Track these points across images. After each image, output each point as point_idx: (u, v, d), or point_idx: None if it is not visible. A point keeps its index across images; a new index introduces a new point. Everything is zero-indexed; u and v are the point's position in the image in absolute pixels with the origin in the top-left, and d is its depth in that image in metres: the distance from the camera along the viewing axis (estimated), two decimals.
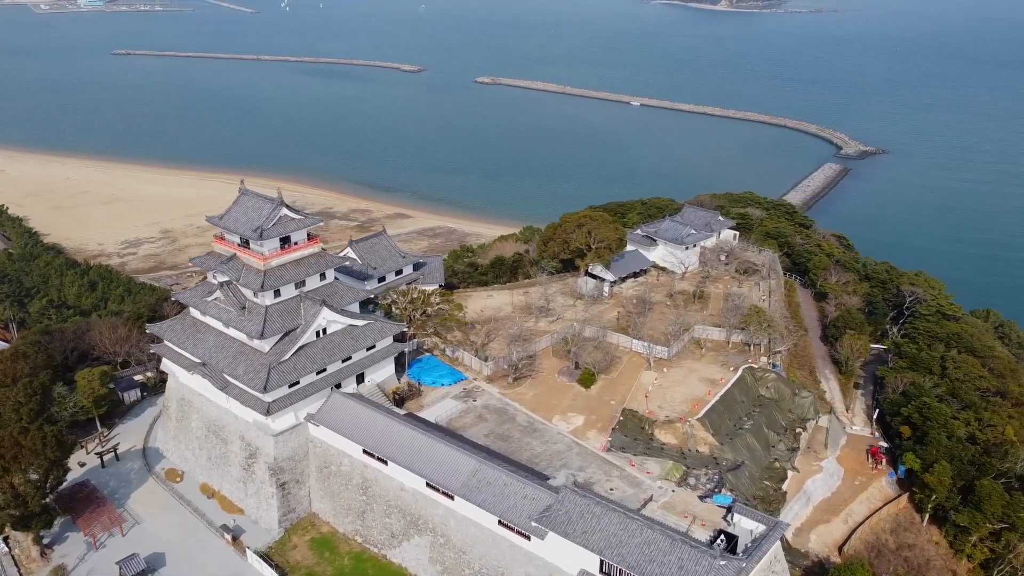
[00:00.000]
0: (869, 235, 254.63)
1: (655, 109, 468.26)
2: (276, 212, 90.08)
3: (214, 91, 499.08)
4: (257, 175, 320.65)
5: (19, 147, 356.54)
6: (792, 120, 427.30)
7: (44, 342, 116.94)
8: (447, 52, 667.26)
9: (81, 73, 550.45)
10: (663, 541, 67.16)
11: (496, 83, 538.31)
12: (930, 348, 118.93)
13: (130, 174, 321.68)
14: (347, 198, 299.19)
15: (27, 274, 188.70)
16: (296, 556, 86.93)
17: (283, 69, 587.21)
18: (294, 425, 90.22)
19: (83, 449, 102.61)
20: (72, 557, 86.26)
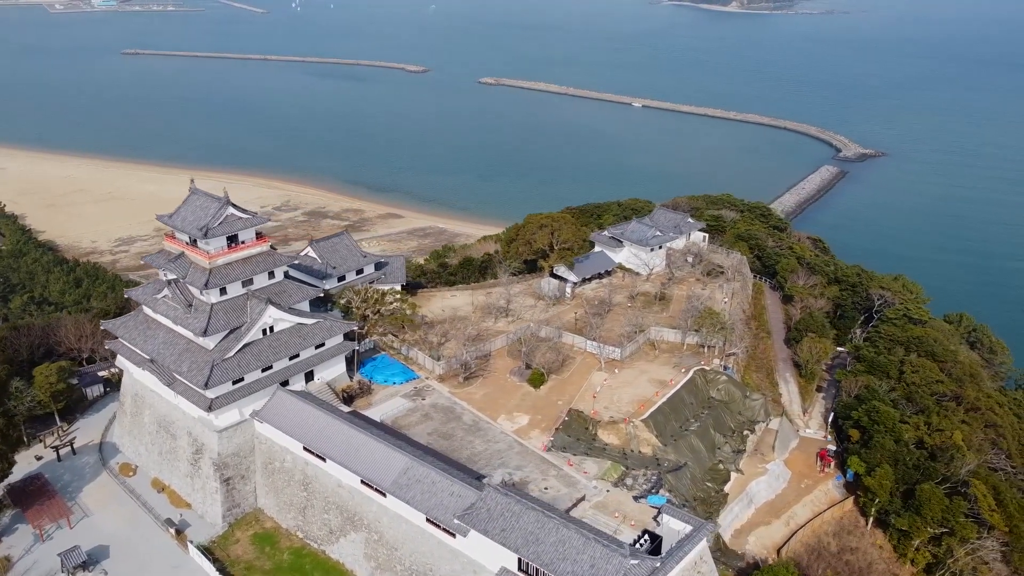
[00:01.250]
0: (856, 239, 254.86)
1: (656, 110, 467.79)
2: (222, 211, 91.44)
3: (218, 91, 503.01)
4: (252, 174, 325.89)
5: (19, 145, 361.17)
6: (793, 122, 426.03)
7: (11, 338, 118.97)
8: (452, 53, 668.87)
9: (89, 73, 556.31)
10: (577, 540, 67.83)
11: (499, 84, 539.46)
12: (890, 352, 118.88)
13: (127, 173, 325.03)
14: (341, 198, 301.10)
15: (14, 271, 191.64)
16: (238, 551, 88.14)
17: (289, 69, 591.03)
18: (239, 422, 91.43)
19: (41, 443, 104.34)
20: (19, 548, 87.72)
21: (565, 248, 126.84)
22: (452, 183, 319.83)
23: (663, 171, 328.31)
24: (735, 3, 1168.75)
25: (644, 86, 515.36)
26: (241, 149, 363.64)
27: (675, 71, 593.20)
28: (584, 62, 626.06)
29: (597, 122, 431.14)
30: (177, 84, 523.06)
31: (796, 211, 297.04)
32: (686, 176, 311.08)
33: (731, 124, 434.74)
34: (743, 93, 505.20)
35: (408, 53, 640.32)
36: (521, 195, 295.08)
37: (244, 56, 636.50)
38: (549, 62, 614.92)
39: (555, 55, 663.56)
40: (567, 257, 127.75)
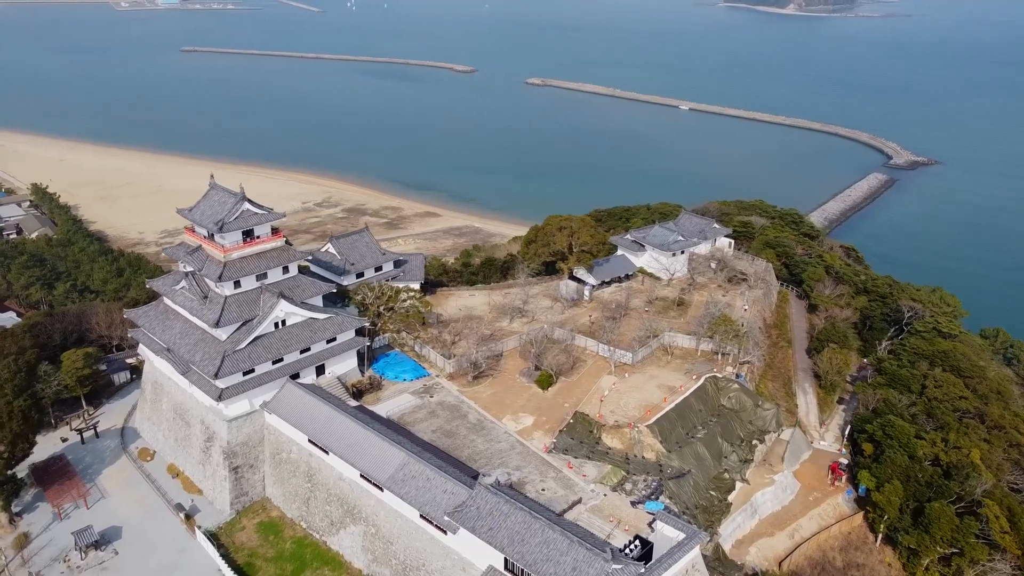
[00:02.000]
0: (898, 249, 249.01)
1: (704, 114, 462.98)
2: (238, 207, 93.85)
3: (269, 88, 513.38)
4: (296, 170, 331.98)
5: (78, 138, 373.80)
6: (844, 128, 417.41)
7: (45, 323, 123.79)
8: (500, 53, 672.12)
9: (148, 69, 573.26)
10: (561, 542, 68.04)
11: (546, 84, 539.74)
12: (913, 365, 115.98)
13: (176, 167, 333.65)
14: (381, 195, 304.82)
15: (62, 259, 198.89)
16: (243, 538, 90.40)
17: (340, 68, 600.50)
18: (249, 412, 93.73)
19: (67, 425, 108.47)
20: (37, 526, 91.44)
21: (584, 251, 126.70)
22: (490, 183, 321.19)
23: (703, 175, 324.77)
24: (792, 5, 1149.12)
25: (693, 89, 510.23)
26: (287, 146, 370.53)
27: (726, 74, 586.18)
28: (633, 64, 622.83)
29: (642, 125, 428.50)
30: (231, 81, 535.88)
31: (840, 219, 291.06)
32: (726, 181, 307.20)
33: (780, 129, 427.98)
34: (795, 97, 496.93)
35: (456, 53, 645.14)
36: (557, 196, 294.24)
37: (297, 55, 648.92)
38: (598, 63, 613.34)
39: (604, 56, 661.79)
40: (585, 259, 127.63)
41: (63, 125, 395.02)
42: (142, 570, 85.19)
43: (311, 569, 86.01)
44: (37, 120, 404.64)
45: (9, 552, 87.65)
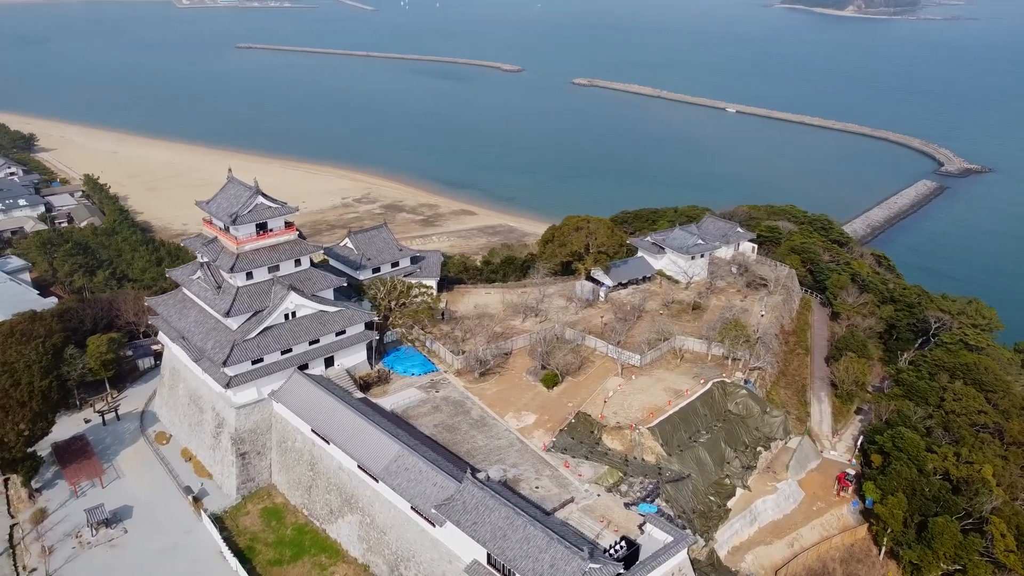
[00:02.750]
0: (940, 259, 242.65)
1: (751, 117, 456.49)
2: (252, 200, 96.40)
3: (318, 85, 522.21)
4: (338, 166, 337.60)
5: (132, 131, 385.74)
6: (895, 133, 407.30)
7: (77, 309, 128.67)
8: (548, 52, 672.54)
9: (202, 65, 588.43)
10: (541, 539, 68.58)
11: (592, 85, 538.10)
12: (932, 377, 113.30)
13: (223, 160, 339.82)
14: (419, 192, 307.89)
15: (105, 248, 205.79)
16: (246, 522, 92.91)
17: (388, 66, 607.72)
18: (257, 400, 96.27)
19: (90, 407, 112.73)
20: (55, 502, 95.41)
21: (601, 252, 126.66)
22: (529, 182, 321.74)
23: (743, 179, 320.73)
24: (852, 7, 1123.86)
25: (741, 91, 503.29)
26: (332, 142, 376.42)
27: (777, 77, 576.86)
28: (682, 65, 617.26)
29: (686, 127, 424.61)
30: (282, 78, 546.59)
31: (883, 226, 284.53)
32: (766, 185, 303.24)
33: (829, 133, 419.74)
34: (847, 101, 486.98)
35: (504, 52, 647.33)
36: (594, 196, 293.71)
37: (347, 52, 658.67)
38: (646, 64, 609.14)
39: (654, 57, 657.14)
40: (602, 260, 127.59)
41: (119, 118, 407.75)
42: (148, 549, 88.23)
43: (309, 556, 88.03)
44: (95, 113, 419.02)
45: (27, 526, 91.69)
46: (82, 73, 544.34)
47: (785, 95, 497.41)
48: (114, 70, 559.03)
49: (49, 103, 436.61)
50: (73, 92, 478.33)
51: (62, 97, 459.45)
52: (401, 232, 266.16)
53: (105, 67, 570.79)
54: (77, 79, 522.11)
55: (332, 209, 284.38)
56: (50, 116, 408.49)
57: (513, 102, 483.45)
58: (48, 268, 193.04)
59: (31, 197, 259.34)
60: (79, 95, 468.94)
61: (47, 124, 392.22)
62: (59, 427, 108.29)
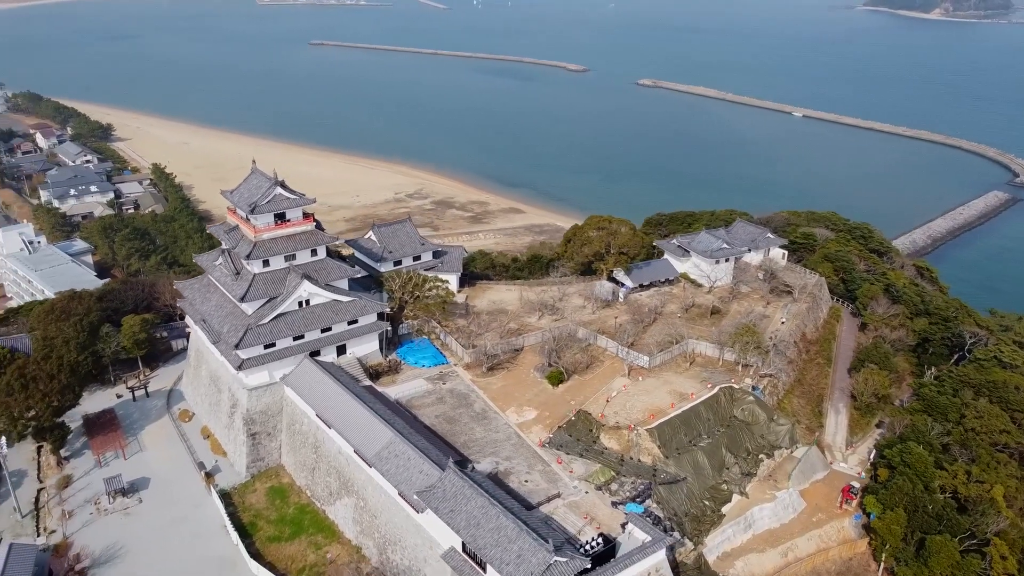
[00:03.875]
0: (1002, 274, 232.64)
1: (818, 121, 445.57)
2: (271, 191, 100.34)
3: (385, 82, 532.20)
4: (395, 161, 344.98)
5: (204, 123, 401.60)
6: (969, 142, 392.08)
7: (120, 290, 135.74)
8: (616, 52, 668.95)
9: (276, 60, 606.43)
10: (511, 530, 69.92)
11: (657, 86, 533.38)
12: (956, 393, 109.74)
13: (287, 154, 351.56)
14: (470, 189, 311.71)
15: (163, 234, 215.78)
16: (252, 499, 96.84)
17: (455, 64, 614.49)
18: (269, 383, 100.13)
19: (123, 383, 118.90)
20: (80, 470, 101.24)
21: (622, 253, 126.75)
22: (582, 182, 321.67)
23: (796, 184, 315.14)
24: (938, 10, 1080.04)
25: (811, 95, 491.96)
26: (393, 138, 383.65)
27: (851, 81, 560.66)
28: (752, 68, 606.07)
29: (748, 130, 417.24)
30: (351, 75, 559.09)
31: (946, 237, 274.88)
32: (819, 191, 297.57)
33: (899, 140, 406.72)
34: (923, 108, 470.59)
35: (572, 52, 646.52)
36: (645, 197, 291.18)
37: (417, 50, 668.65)
38: (716, 66, 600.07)
39: (724, 59, 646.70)
40: (623, 261, 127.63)
41: (193, 111, 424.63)
42: (159, 519, 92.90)
43: (306, 534, 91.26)
44: (171, 105, 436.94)
45: (52, 491, 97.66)
46: (163, 67, 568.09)
47: (857, 100, 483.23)
48: (193, 65, 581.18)
49: (130, 95, 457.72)
50: (153, 85, 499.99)
51: (142, 90, 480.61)
52: (448, 228, 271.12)
53: (185, 62, 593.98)
54: (158, 73, 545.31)
55: (384, 203, 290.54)
56: (129, 107, 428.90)
57: (575, 102, 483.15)
58: (108, 252, 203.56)
59: (102, 184, 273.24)
60: (158, 88, 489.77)
61: (126, 115, 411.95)
62: (92, 401, 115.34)
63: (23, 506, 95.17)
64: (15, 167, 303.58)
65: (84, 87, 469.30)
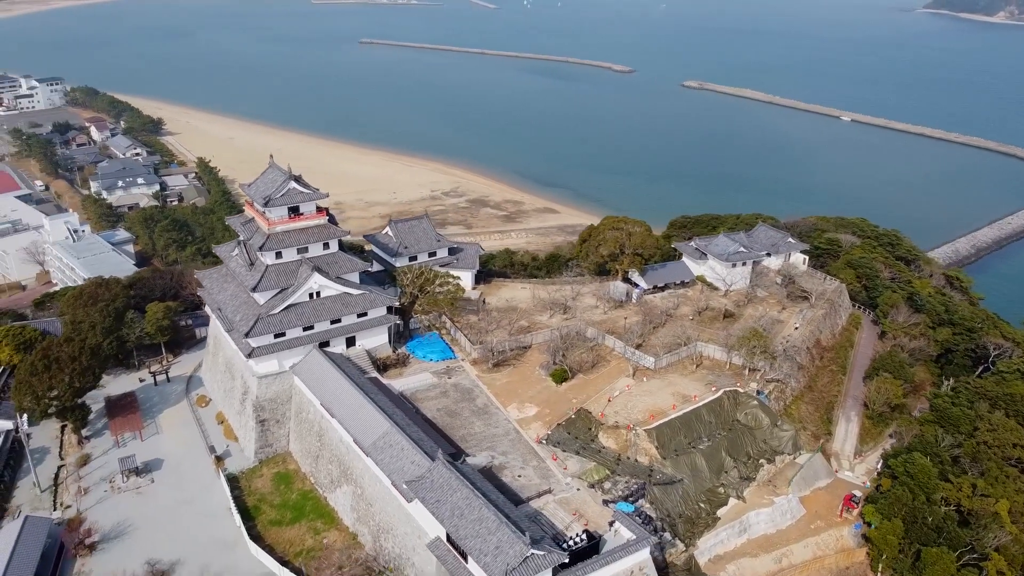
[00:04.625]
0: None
1: (866, 126, 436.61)
2: (285, 185, 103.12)
3: (431, 81, 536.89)
4: (433, 159, 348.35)
5: (252, 119, 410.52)
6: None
7: (151, 279, 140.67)
8: (664, 54, 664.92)
9: (326, 58, 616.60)
10: (492, 521, 71.10)
11: (702, 88, 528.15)
12: (971, 405, 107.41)
13: (329, 150, 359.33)
14: (506, 188, 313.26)
15: (201, 225, 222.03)
16: (258, 484, 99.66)
17: (502, 64, 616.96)
18: (278, 372, 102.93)
19: (147, 368, 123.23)
20: (99, 450, 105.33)
21: (636, 254, 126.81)
22: (619, 183, 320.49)
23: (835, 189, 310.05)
24: (1003, 13, 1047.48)
25: (861, 99, 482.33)
26: (433, 136, 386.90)
27: (905, 85, 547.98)
28: (803, 71, 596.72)
29: (792, 134, 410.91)
30: (398, 73, 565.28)
31: (991, 247, 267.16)
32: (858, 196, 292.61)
33: (950, 146, 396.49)
34: (979, 114, 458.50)
35: (619, 53, 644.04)
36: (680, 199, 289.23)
37: (464, 50, 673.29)
38: (764, 68, 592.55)
39: (774, 61, 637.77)
40: (637, 262, 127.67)
41: (242, 107, 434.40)
42: (168, 499, 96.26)
43: (307, 520, 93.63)
44: (221, 101, 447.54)
45: (71, 468, 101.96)
46: (216, 64, 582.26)
47: (910, 105, 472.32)
48: (244, 62, 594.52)
49: (182, 90, 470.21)
50: (205, 81, 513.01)
51: (194, 85, 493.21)
52: (482, 226, 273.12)
53: (237, 59, 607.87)
54: (210, 69, 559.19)
55: (420, 201, 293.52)
56: (181, 102, 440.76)
57: (618, 103, 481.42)
58: (148, 241, 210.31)
59: (149, 176, 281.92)
60: (209, 84, 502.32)
61: (177, 110, 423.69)
62: (116, 384, 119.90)
63: (43, 481, 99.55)
64: (69, 159, 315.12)
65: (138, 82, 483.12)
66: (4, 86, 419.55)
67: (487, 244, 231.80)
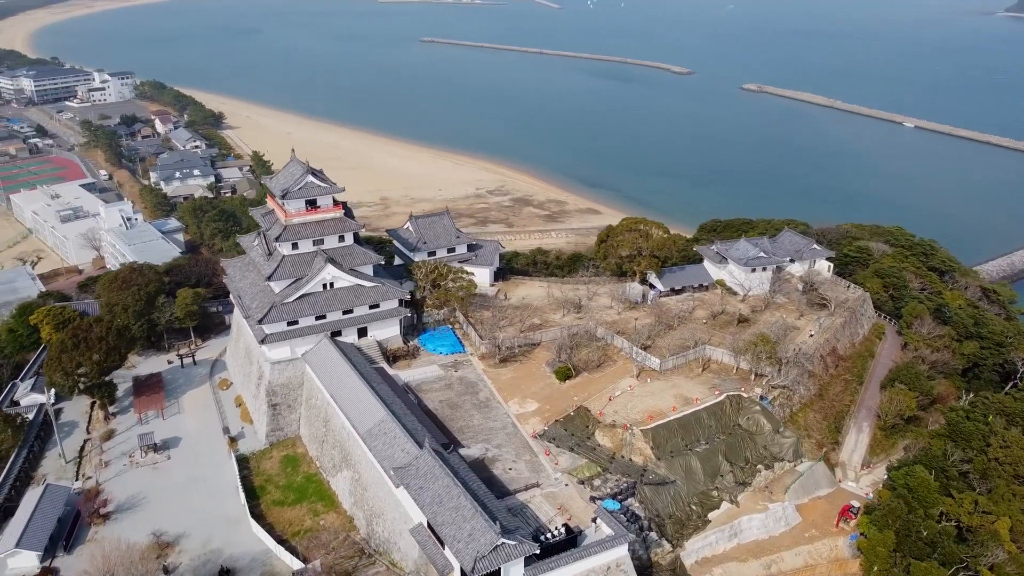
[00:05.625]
0: None
1: (931, 133, 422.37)
2: (303, 179, 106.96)
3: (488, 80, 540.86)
4: (481, 157, 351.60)
5: (311, 115, 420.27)
6: None
7: (187, 266, 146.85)
8: (726, 55, 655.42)
9: (386, 57, 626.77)
10: (468, 510, 73.11)
11: (762, 91, 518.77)
12: (985, 420, 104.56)
13: (379, 146, 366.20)
14: (551, 188, 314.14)
15: (247, 217, 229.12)
16: (266, 465, 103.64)
17: (560, 64, 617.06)
18: (290, 358, 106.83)
19: (176, 351, 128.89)
20: (123, 426, 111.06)
21: (654, 256, 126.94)
22: (666, 186, 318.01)
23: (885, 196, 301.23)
24: None
25: (928, 105, 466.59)
26: (483, 134, 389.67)
27: (977, 91, 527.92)
28: (869, 74, 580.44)
29: (851, 139, 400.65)
30: (456, 71, 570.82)
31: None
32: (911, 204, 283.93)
33: (1021, 156, 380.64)
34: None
35: (679, 54, 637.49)
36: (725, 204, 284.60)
37: (523, 49, 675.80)
38: (828, 71, 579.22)
39: (839, 64, 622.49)
40: (653, 264, 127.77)
41: (301, 102, 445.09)
42: (181, 475, 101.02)
43: (308, 501, 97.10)
44: (281, 97, 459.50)
45: (96, 442, 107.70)
46: (280, 60, 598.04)
47: (981, 113, 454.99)
48: (308, 59, 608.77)
49: (245, 86, 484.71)
50: (268, 77, 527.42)
51: (257, 81, 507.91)
52: (523, 225, 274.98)
53: (301, 56, 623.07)
54: (275, 66, 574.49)
55: (464, 198, 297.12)
56: (243, 97, 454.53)
57: (674, 105, 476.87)
58: (197, 231, 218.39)
59: (205, 168, 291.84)
60: (272, 80, 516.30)
61: (238, 104, 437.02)
62: (147, 364, 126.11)
63: (68, 453, 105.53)
64: (134, 150, 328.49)
65: (204, 77, 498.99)
66: (79, 80, 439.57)
67: (526, 243, 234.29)
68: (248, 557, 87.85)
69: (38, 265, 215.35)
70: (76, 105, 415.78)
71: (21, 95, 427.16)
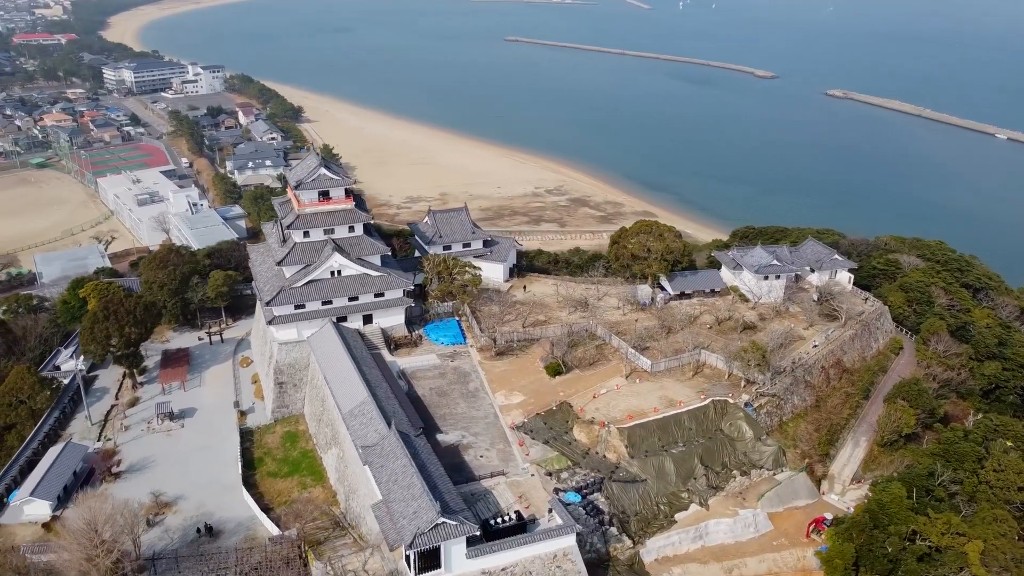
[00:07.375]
0: None
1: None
2: (316, 170, 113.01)
3: (565, 80, 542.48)
4: (544, 157, 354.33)
5: (385, 111, 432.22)
6: None
7: (227, 250, 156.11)
8: (815, 59, 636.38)
9: (469, 55, 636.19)
10: (417, 489, 77.15)
11: (847, 97, 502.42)
12: (983, 442, 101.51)
13: (448, 143, 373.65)
14: (610, 189, 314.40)
15: None
16: (268, 440, 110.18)
17: (643, 65, 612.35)
18: (297, 340, 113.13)
19: (206, 329, 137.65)
20: (148, 395, 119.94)
21: (664, 259, 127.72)
22: (730, 192, 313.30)
23: (957, 208, 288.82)
24: None
25: None
26: (551, 134, 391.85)
27: None
28: (961, 82, 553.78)
29: (935, 150, 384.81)
30: (537, 71, 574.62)
31: None
32: (978, 217, 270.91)
33: None
34: None
35: (766, 58, 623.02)
36: (787, 211, 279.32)
37: (605, 50, 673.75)
38: (919, 78, 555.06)
39: (933, 71, 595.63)
40: (663, 267, 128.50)
41: (378, 99, 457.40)
42: (191, 443, 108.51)
43: (299, 475, 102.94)
44: (360, 93, 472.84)
45: (121, 408, 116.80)
46: (366, 57, 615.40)
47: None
48: (394, 57, 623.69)
49: (327, 81, 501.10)
50: (352, 73, 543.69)
51: (340, 77, 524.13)
52: (576, 225, 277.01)
53: (388, 53, 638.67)
54: (360, 62, 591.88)
55: (521, 197, 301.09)
56: (324, 92, 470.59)
57: (753, 110, 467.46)
58: (257, 218, 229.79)
59: (277, 160, 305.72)
60: (355, 76, 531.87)
61: (319, 99, 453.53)
62: (179, 339, 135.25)
63: (95, 416, 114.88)
64: (215, 139, 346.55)
65: (290, 72, 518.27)
66: (175, 72, 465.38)
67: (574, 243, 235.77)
68: (235, 521, 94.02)
69: (112, 244, 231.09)
70: (170, 96, 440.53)
71: (122, 86, 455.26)
